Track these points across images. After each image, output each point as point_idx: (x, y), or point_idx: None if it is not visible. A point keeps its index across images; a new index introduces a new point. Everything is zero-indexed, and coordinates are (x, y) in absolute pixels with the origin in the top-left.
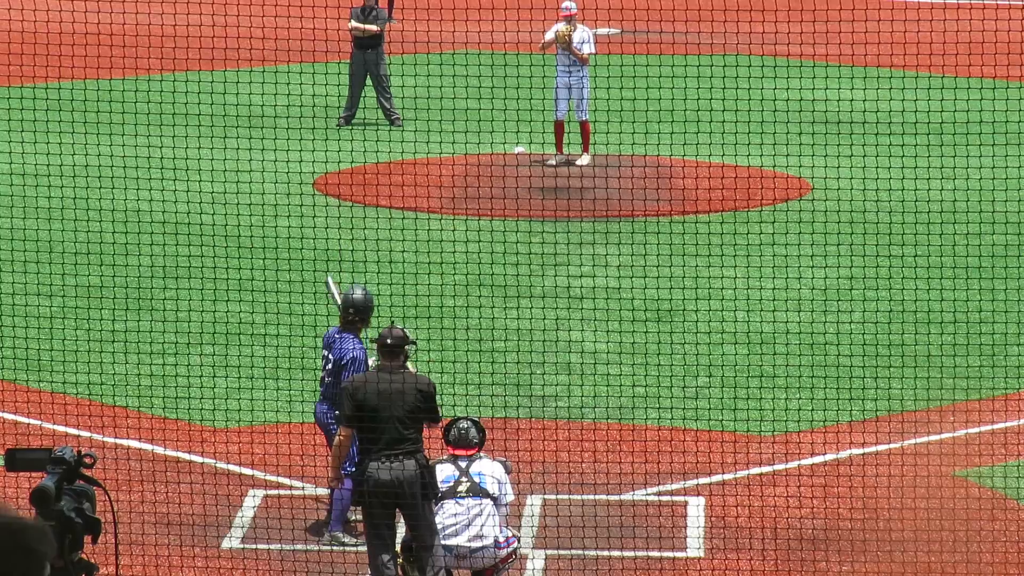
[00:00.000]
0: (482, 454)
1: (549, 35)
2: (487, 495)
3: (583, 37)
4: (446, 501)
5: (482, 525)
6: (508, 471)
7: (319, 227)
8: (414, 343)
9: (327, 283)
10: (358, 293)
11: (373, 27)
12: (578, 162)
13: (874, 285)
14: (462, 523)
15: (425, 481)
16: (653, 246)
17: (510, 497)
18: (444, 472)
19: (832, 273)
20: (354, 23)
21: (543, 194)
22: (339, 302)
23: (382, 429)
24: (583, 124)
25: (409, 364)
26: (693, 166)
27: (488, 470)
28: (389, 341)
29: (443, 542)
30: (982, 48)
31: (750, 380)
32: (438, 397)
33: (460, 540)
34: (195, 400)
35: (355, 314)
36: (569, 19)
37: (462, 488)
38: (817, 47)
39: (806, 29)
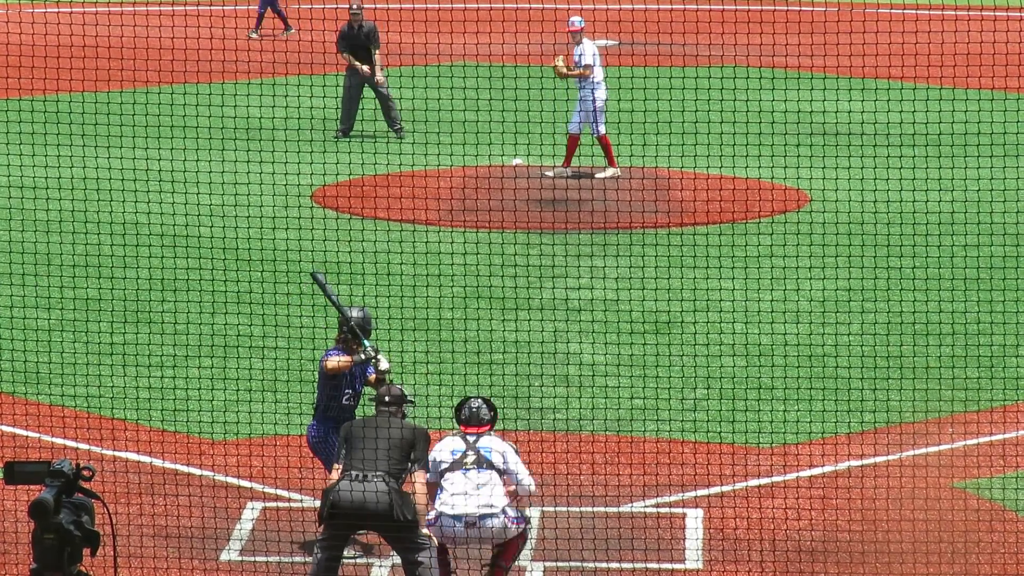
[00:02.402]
0: (492, 433)
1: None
2: (492, 467)
3: (581, 51)
4: (452, 473)
5: (490, 495)
6: (517, 453)
7: (317, 239)
8: (412, 402)
9: (316, 278)
10: (355, 312)
11: (366, 68)
12: (599, 175)
13: (872, 297)
14: (470, 491)
15: (394, 508)
16: (651, 258)
17: (524, 476)
18: (452, 445)
19: (830, 285)
20: (348, 56)
21: (541, 206)
22: (331, 298)
23: (360, 450)
24: (600, 139)
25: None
26: (691, 178)
27: (495, 445)
28: (387, 399)
29: (451, 512)
30: (980, 59)
31: (748, 392)
32: (436, 412)
33: (469, 508)
34: (194, 412)
35: (349, 332)
36: (574, 34)
37: (468, 460)
38: (815, 59)
39: (804, 41)
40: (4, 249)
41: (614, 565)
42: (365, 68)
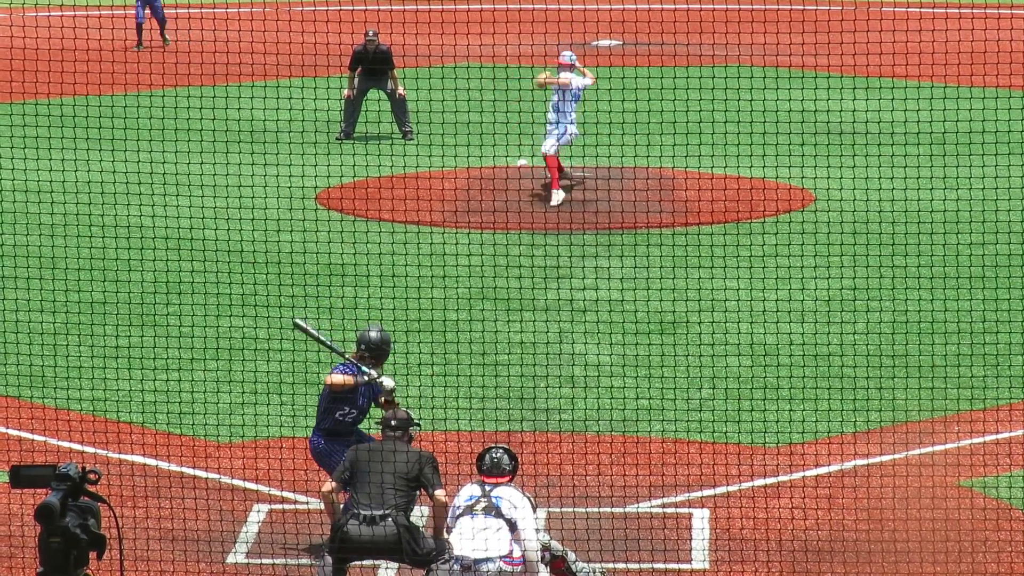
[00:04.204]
0: (512, 484)
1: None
2: (500, 516)
3: (569, 76)
4: (463, 517)
5: (487, 540)
6: (533, 508)
7: (322, 241)
8: (417, 424)
9: (298, 324)
10: (374, 332)
11: (347, 92)
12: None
13: (878, 295)
14: (472, 536)
15: (403, 544)
16: (656, 258)
17: (529, 538)
18: (469, 492)
19: (836, 284)
20: (353, 75)
21: (545, 207)
22: (320, 340)
23: (366, 484)
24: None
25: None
26: (696, 177)
27: (508, 495)
28: (393, 423)
29: (450, 553)
30: (984, 57)
31: (754, 392)
32: (441, 417)
33: (465, 551)
34: (199, 415)
35: (366, 350)
36: (563, 67)
37: (479, 507)
38: (819, 57)
39: (808, 40)
40: (10, 252)
41: (620, 566)
42: (346, 92)
